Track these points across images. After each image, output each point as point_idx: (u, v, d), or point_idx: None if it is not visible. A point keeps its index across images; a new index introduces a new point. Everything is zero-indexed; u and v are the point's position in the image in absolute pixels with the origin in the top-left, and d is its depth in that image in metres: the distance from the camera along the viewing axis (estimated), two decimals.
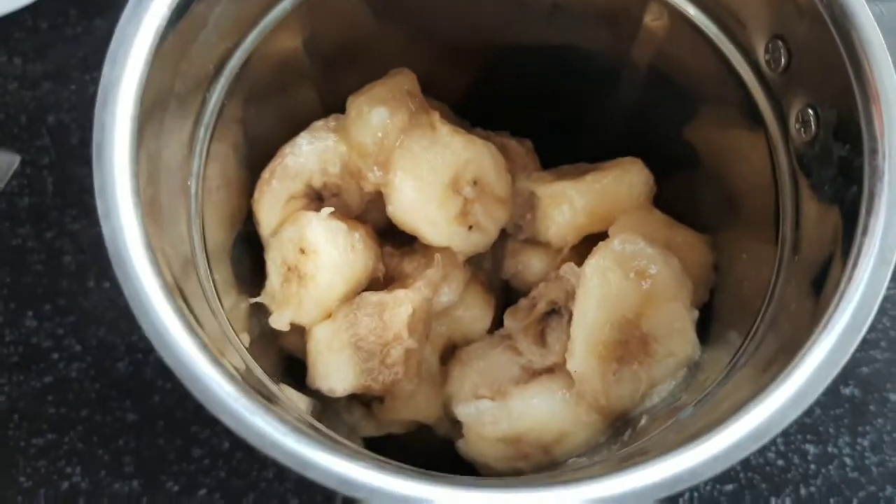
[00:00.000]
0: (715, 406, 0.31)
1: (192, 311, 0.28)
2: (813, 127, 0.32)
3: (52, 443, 0.55)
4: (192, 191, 0.33)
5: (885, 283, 0.27)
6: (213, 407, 0.26)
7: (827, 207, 0.31)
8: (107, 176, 0.27)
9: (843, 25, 0.29)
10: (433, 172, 0.39)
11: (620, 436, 0.37)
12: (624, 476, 0.26)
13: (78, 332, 0.57)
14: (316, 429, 0.32)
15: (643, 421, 0.36)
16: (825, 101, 0.32)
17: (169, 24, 0.30)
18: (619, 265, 0.38)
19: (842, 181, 0.30)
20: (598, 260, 0.38)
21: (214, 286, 0.34)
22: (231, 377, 0.26)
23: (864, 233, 0.27)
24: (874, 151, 0.28)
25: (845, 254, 0.28)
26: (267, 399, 0.27)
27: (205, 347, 0.26)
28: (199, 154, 0.34)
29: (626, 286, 0.37)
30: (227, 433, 0.56)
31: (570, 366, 0.38)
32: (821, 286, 0.30)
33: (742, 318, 0.36)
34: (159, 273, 0.26)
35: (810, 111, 0.32)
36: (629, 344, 0.38)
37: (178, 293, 0.27)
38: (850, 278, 0.27)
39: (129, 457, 0.55)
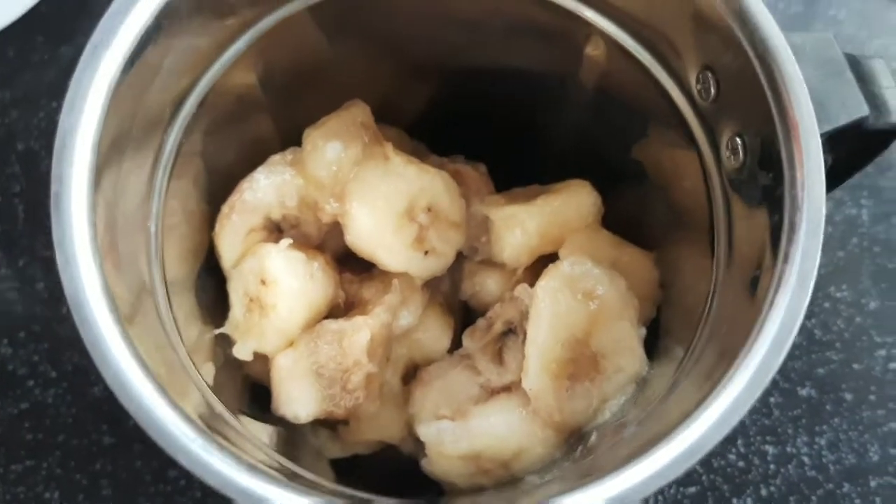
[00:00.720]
0: (659, 419, 0.32)
1: (150, 349, 0.30)
2: (741, 154, 0.34)
3: (30, 468, 0.56)
4: (152, 230, 0.35)
5: (804, 308, 0.29)
6: (171, 449, 0.27)
7: (755, 231, 0.33)
8: (65, 227, 0.28)
9: (764, 58, 0.31)
10: (388, 201, 0.40)
11: (573, 452, 0.39)
12: (577, 494, 0.27)
13: (53, 358, 0.58)
14: (277, 463, 0.34)
15: (593, 437, 0.38)
16: (751, 131, 0.33)
17: (123, 71, 0.31)
18: (567, 286, 0.39)
19: (766, 208, 0.32)
20: (547, 281, 0.39)
21: (175, 321, 0.35)
22: (187, 418, 0.27)
23: (785, 260, 0.29)
24: (793, 181, 0.30)
25: (770, 275, 0.30)
26: (223, 436, 0.28)
27: (163, 391, 0.27)
28: (158, 193, 0.36)
29: (575, 306, 0.39)
30: None
31: (524, 384, 0.39)
32: (751, 305, 0.31)
33: (685, 331, 0.37)
34: (118, 320, 0.28)
35: (738, 140, 0.34)
36: (580, 362, 0.39)
37: (137, 339, 0.28)
38: (772, 303, 0.29)
39: (107, 479, 0.56)
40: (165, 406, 0.27)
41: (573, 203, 0.43)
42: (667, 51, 0.37)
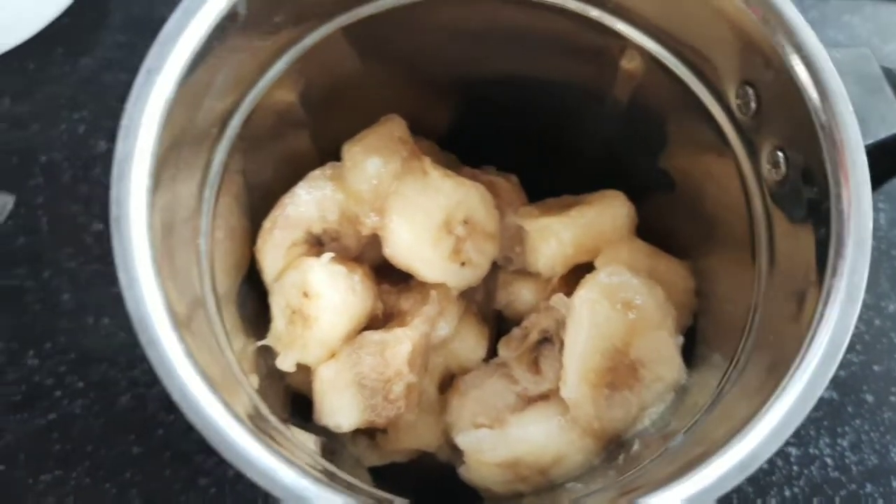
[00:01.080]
0: (705, 434, 0.33)
1: (207, 361, 0.30)
2: (783, 168, 0.34)
3: (58, 479, 0.56)
4: (202, 247, 0.35)
5: (854, 320, 0.29)
6: (226, 452, 0.28)
7: (799, 244, 0.33)
8: (127, 249, 0.28)
9: (808, 76, 0.32)
10: (426, 215, 0.41)
11: (614, 460, 0.39)
12: None
13: (79, 369, 0.58)
14: (322, 466, 0.34)
15: (636, 446, 0.38)
16: (793, 146, 0.34)
17: (176, 94, 0.31)
18: (605, 297, 0.40)
19: (812, 221, 0.32)
20: (586, 292, 0.40)
21: (226, 333, 0.36)
22: (246, 426, 0.28)
23: (834, 274, 0.30)
24: (839, 196, 0.30)
25: (818, 289, 0.30)
26: (275, 441, 0.29)
27: (223, 401, 0.28)
28: (206, 212, 0.36)
29: (614, 316, 0.40)
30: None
31: (563, 393, 0.40)
32: (798, 316, 0.32)
33: (726, 341, 0.38)
34: (181, 338, 0.28)
35: (780, 154, 0.34)
36: (619, 370, 0.40)
37: (196, 351, 0.29)
38: (821, 316, 0.29)
39: (136, 489, 0.56)
40: (227, 415, 0.28)
41: (608, 214, 0.44)
42: (705, 65, 0.37)
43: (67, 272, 0.61)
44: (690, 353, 0.42)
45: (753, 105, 0.35)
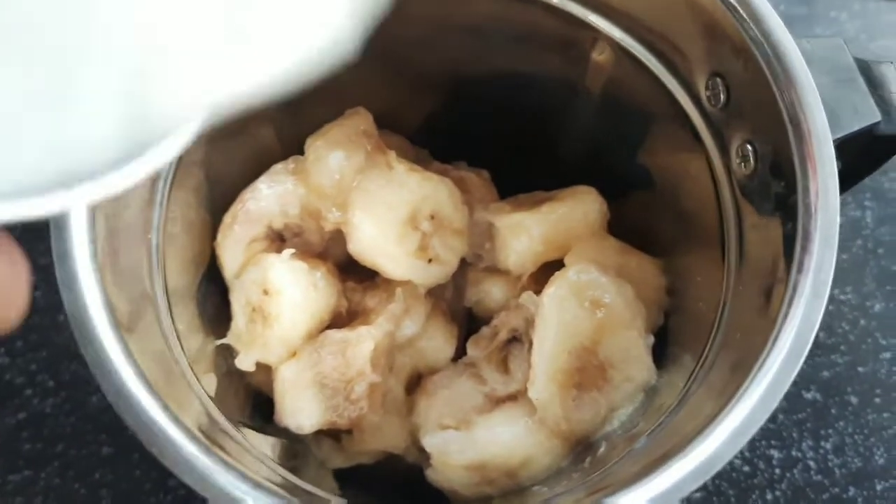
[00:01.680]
0: (671, 434, 0.32)
1: (150, 362, 0.29)
2: (752, 161, 0.33)
3: (28, 479, 0.55)
4: (154, 243, 0.34)
5: (819, 316, 0.28)
6: (171, 463, 0.27)
7: (767, 239, 0.32)
8: (65, 243, 0.27)
9: (775, 66, 0.31)
10: (390, 210, 0.40)
11: (581, 462, 0.38)
12: None
13: (51, 368, 0.57)
14: (280, 476, 0.33)
15: (602, 448, 0.37)
16: (762, 138, 0.33)
17: None
18: (574, 295, 0.39)
19: (779, 215, 0.31)
20: (554, 290, 0.39)
21: (177, 333, 0.35)
22: (188, 432, 0.27)
23: (799, 270, 0.29)
24: (806, 189, 0.29)
25: (784, 285, 0.29)
26: (224, 449, 0.28)
27: (164, 406, 0.27)
28: (158, 204, 0.35)
29: (582, 315, 0.39)
30: None
31: (530, 393, 0.39)
32: (765, 313, 0.31)
33: (696, 340, 0.37)
34: (119, 337, 0.27)
35: (749, 146, 0.33)
36: (587, 370, 0.39)
37: (138, 352, 0.28)
38: (787, 313, 0.28)
39: (106, 490, 0.55)
40: (167, 420, 0.27)
41: (579, 210, 0.42)
42: (675, 56, 0.36)
43: (40, 269, 0.59)
44: (662, 353, 0.41)
45: (723, 97, 0.34)
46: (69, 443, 0.56)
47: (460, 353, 0.45)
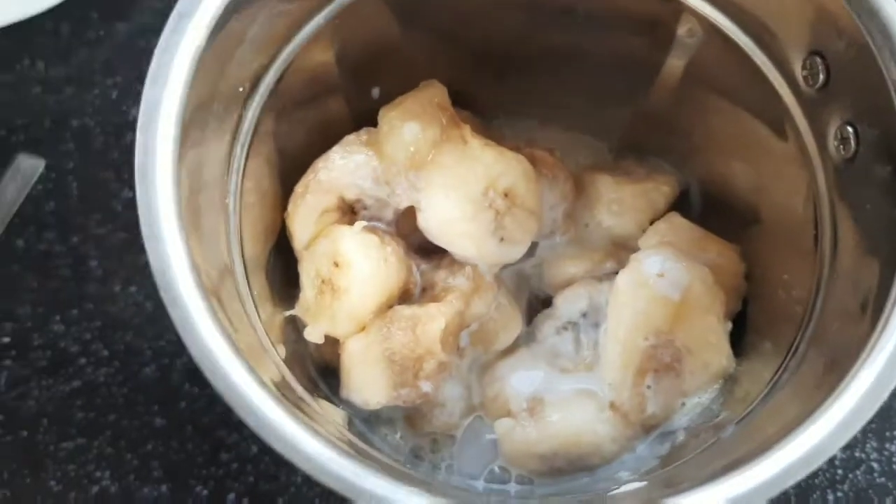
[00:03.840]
0: (760, 426, 0.31)
1: (232, 326, 0.28)
2: (852, 144, 0.32)
3: (81, 447, 0.55)
4: (231, 207, 0.34)
5: None
6: (256, 425, 0.26)
7: (867, 228, 0.31)
8: (151, 198, 0.27)
9: (884, 45, 0.29)
10: (465, 186, 0.39)
11: (658, 451, 0.37)
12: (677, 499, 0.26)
13: (105, 337, 0.57)
14: (352, 444, 0.33)
15: (682, 437, 0.36)
16: (866, 120, 0.31)
17: (207, 42, 0.30)
18: (650, 279, 0.38)
19: (883, 203, 0.30)
20: (630, 274, 0.38)
21: (253, 300, 0.34)
22: (274, 395, 0.26)
23: None
24: None
25: (887, 279, 0.28)
26: (303, 412, 0.27)
27: (250, 368, 0.26)
28: (236, 170, 0.34)
29: (659, 300, 0.38)
30: (255, 438, 0.56)
31: (604, 378, 0.38)
32: (863, 311, 0.30)
33: (779, 329, 0.36)
34: (205, 296, 0.26)
35: (849, 128, 0.32)
36: (663, 356, 0.38)
37: (221, 312, 0.27)
38: (891, 314, 0.27)
39: (158, 461, 0.55)
40: (253, 382, 0.26)
41: (659, 192, 0.42)
42: (769, 34, 0.35)
43: (95, 239, 0.60)
44: (739, 341, 0.40)
45: (822, 76, 0.33)
46: (122, 413, 0.56)
47: (526, 334, 0.44)
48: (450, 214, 0.39)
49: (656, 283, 0.38)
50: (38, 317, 0.57)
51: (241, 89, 0.34)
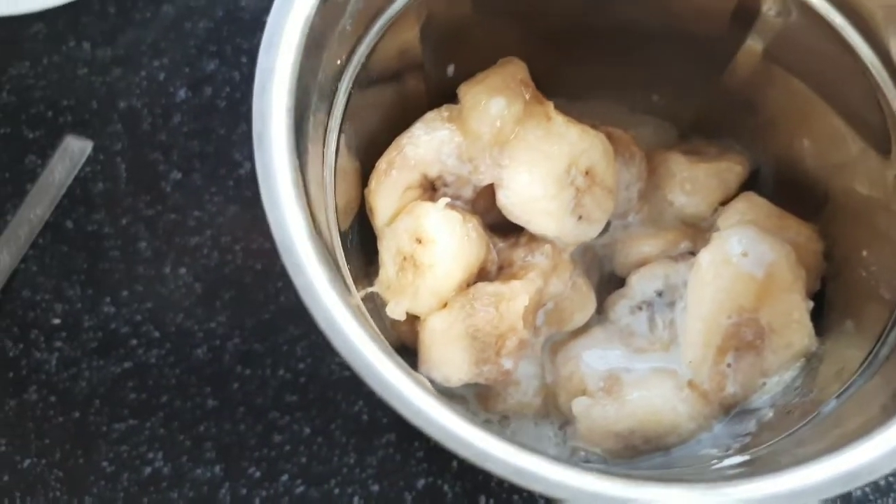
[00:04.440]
0: (864, 402, 0.31)
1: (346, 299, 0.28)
2: None
3: (133, 428, 0.55)
4: (328, 181, 0.33)
5: None
6: (374, 383, 0.26)
7: None
8: (269, 166, 0.27)
9: None
10: (549, 163, 0.39)
11: (738, 430, 0.37)
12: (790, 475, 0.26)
13: (155, 319, 0.57)
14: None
15: (770, 415, 0.36)
16: None
17: (315, 12, 0.29)
18: (734, 257, 0.38)
19: None
20: (713, 252, 0.38)
21: (351, 272, 0.34)
22: (397, 363, 0.26)
23: None
24: None
25: None
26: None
27: (372, 333, 0.26)
28: (330, 144, 0.34)
29: (742, 277, 0.38)
30: (308, 420, 0.56)
31: (685, 357, 0.38)
32: None
33: (863, 308, 0.36)
34: (327, 263, 0.26)
35: None
36: (745, 334, 0.38)
37: (337, 288, 0.27)
38: None
39: (210, 443, 0.55)
40: (377, 350, 0.26)
41: (733, 171, 0.42)
42: (867, 11, 0.35)
43: (145, 220, 0.60)
44: (819, 320, 0.40)
45: None
46: (173, 394, 0.56)
47: (599, 312, 0.44)
48: (533, 192, 0.39)
49: (740, 261, 0.38)
50: (88, 298, 0.57)
51: (338, 62, 0.33)
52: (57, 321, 0.56)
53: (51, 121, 0.60)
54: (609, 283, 0.46)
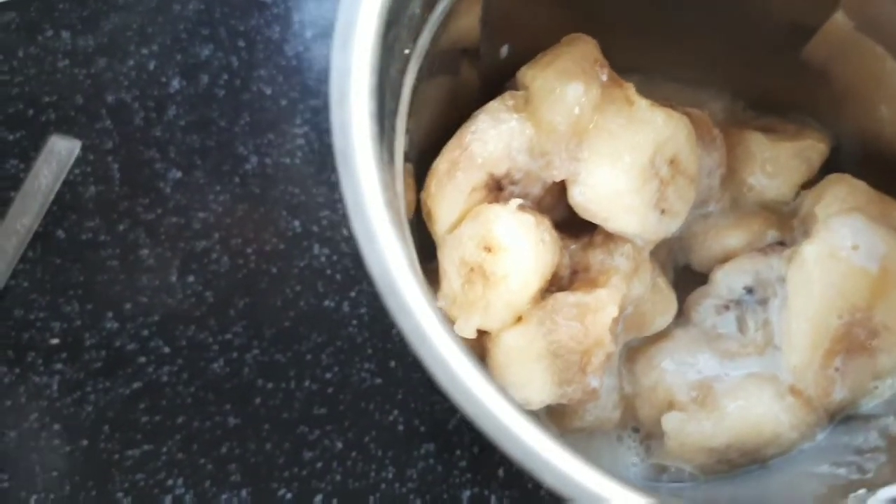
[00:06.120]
0: None
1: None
2: None
3: (148, 454, 0.51)
4: (398, 189, 0.29)
5: None
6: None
7: None
8: (358, 190, 0.22)
9: None
10: (633, 153, 0.34)
11: (853, 441, 0.34)
12: None
13: (164, 333, 0.53)
14: None
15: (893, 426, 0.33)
16: None
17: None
18: (843, 250, 0.34)
19: None
20: (819, 245, 0.34)
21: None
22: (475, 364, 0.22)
23: None
24: None
25: None
26: None
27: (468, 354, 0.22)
28: (398, 149, 0.30)
29: (856, 273, 0.34)
30: (340, 433, 0.52)
31: (788, 361, 0.34)
32: None
33: None
34: (429, 300, 0.22)
35: None
36: (858, 335, 0.34)
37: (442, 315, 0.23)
38: None
39: (235, 464, 0.51)
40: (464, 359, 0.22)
41: (816, 150, 0.38)
42: None
43: (145, 225, 0.55)
44: None
45: None
46: (191, 414, 0.52)
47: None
48: (617, 186, 0.34)
49: (850, 254, 0.34)
50: (88, 314, 0.52)
51: (406, 52, 0.29)
52: (55, 341, 0.52)
53: (32, 120, 0.55)
54: (685, 279, 0.42)
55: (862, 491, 0.29)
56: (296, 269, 0.53)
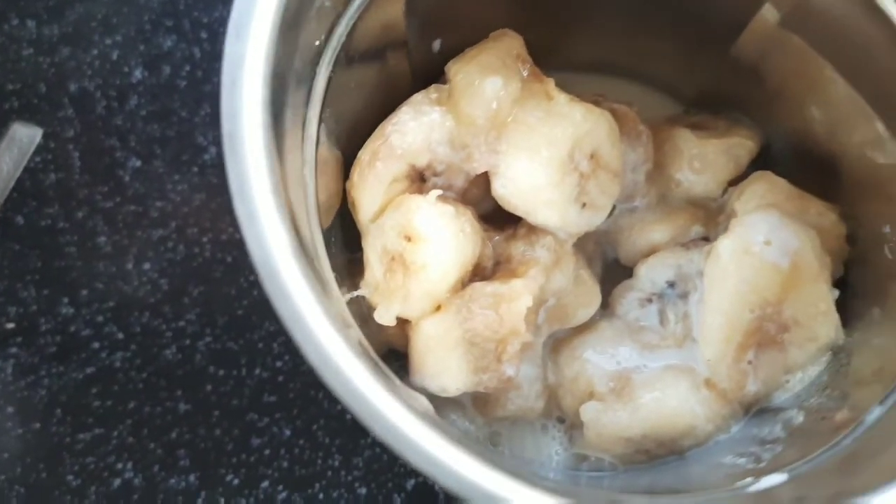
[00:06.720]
0: None
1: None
2: None
3: (99, 437, 0.52)
4: (307, 178, 0.30)
5: None
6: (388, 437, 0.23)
7: None
8: (243, 173, 0.23)
9: None
10: (551, 147, 0.35)
11: (762, 433, 0.34)
12: None
13: (119, 319, 0.53)
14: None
15: (800, 418, 0.33)
16: None
17: None
18: (756, 245, 0.35)
19: None
20: (733, 240, 0.35)
21: (334, 279, 0.30)
22: (389, 387, 0.23)
23: None
24: None
25: None
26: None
27: (369, 360, 0.22)
28: (310, 136, 0.30)
29: (766, 268, 0.34)
30: (288, 421, 0.53)
31: (703, 354, 0.35)
32: None
33: (889, 293, 0.33)
34: (314, 287, 0.23)
35: None
36: (768, 329, 0.35)
37: (327, 302, 0.23)
38: None
39: (184, 450, 0.52)
40: (372, 379, 0.23)
41: (744, 147, 0.39)
42: None
43: (103, 212, 0.56)
44: (842, 310, 0.37)
45: None
46: (142, 399, 0.53)
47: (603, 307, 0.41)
48: (534, 180, 0.35)
49: (763, 250, 0.35)
50: (45, 299, 0.53)
51: (317, 43, 0.29)
52: (11, 325, 0.52)
53: None
54: (613, 273, 0.42)
55: (749, 479, 0.30)
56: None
